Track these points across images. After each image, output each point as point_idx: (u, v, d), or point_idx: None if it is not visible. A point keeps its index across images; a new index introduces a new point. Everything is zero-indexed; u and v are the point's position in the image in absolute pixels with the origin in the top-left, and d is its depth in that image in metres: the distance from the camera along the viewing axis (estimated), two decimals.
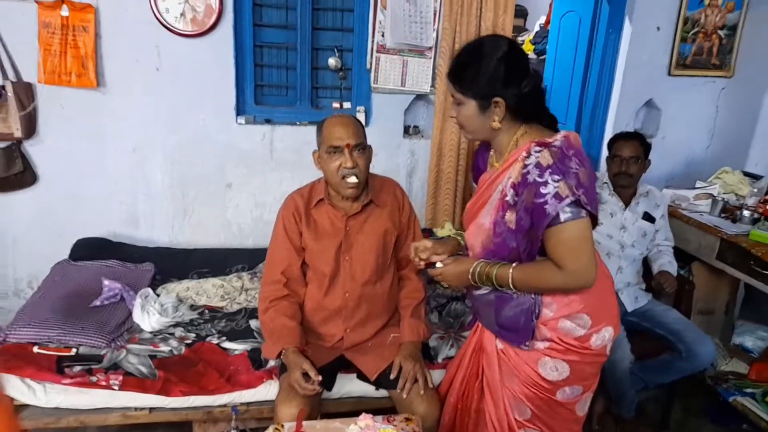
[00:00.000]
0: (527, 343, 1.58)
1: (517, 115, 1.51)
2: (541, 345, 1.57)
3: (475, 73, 1.48)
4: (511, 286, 1.53)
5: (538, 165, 1.42)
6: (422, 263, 1.75)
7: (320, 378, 1.78)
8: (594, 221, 1.46)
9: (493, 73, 1.46)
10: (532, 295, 1.55)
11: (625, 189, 2.56)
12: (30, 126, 2.74)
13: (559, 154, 1.42)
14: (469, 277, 1.60)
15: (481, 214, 1.59)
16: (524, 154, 1.46)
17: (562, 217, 1.40)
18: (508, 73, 1.46)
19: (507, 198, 1.50)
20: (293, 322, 1.92)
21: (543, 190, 1.40)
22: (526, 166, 1.45)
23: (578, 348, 1.55)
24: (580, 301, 1.53)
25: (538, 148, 1.44)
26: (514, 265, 1.52)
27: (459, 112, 1.55)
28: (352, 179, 1.87)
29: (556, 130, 1.56)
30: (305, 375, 1.77)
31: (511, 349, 1.63)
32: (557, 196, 1.39)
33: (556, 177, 1.39)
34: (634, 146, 2.51)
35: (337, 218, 1.98)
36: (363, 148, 1.90)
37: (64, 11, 2.63)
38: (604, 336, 1.57)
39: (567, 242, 1.43)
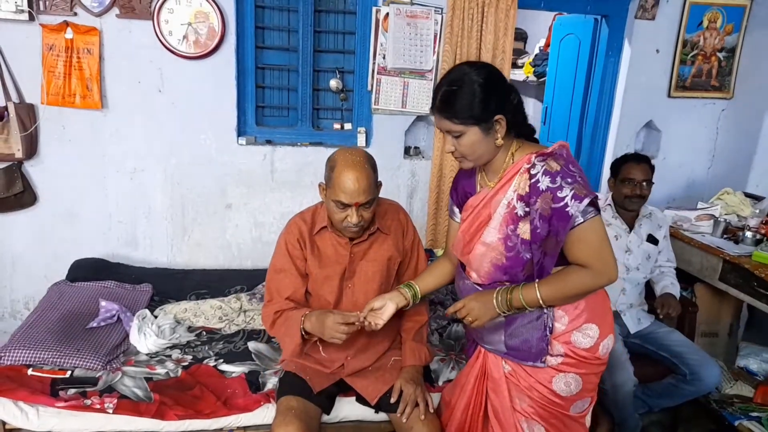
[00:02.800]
0: (543, 359, 1.59)
1: (511, 129, 1.55)
2: (554, 361, 1.59)
3: (470, 100, 1.48)
4: (541, 304, 1.54)
5: (546, 173, 1.47)
6: (376, 322, 1.77)
7: (361, 316, 1.73)
8: None
9: (486, 94, 1.48)
10: (544, 310, 1.57)
11: (630, 212, 2.55)
12: (31, 147, 2.75)
13: (562, 161, 1.48)
14: (494, 303, 1.56)
15: (484, 234, 1.59)
16: (526, 165, 1.50)
17: (583, 217, 1.44)
18: (498, 91, 1.51)
19: (516, 211, 1.52)
20: (303, 308, 1.88)
21: (560, 194, 1.44)
22: (533, 176, 1.48)
23: (590, 359, 1.59)
24: (588, 311, 1.57)
25: (540, 158, 1.49)
26: (536, 282, 1.53)
27: (460, 144, 1.53)
28: (355, 229, 1.84)
29: (537, 142, 1.63)
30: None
31: (521, 370, 1.63)
32: (576, 197, 1.43)
33: (569, 180, 1.45)
34: (645, 169, 2.51)
35: (341, 245, 1.93)
36: (371, 203, 1.81)
37: (69, 34, 2.66)
38: (608, 345, 1.63)
39: (592, 242, 1.48)
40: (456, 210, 1.78)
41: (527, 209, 1.50)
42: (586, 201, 1.43)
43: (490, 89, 1.49)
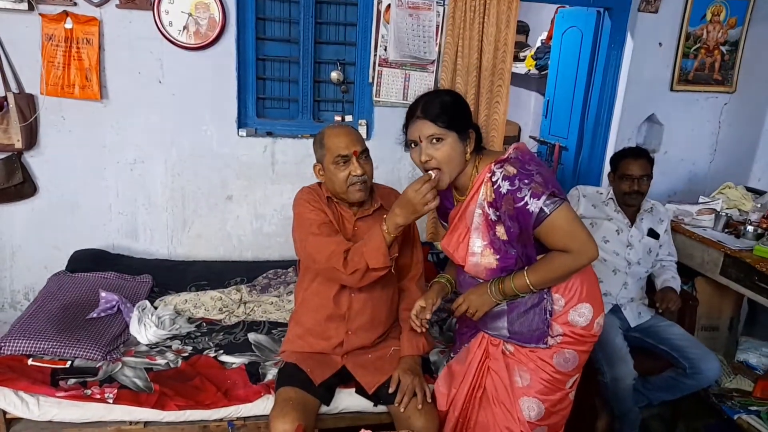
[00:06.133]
0: (545, 341, 1.70)
1: (475, 143, 1.70)
2: (554, 341, 1.71)
3: (455, 110, 1.65)
4: (531, 289, 1.66)
5: (505, 177, 1.59)
6: (426, 321, 1.79)
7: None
8: None
9: (466, 109, 1.70)
10: (544, 296, 1.69)
11: (631, 206, 2.55)
12: (31, 137, 2.74)
13: (518, 164, 1.61)
14: (488, 294, 1.70)
15: (470, 245, 1.70)
16: (488, 175, 1.64)
17: (547, 210, 1.55)
18: (468, 108, 1.72)
19: (490, 216, 1.64)
20: None
21: (519, 195, 1.57)
22: (494, 183, 1.61)
23: (587, 336, 1.72)
24: (581, 292, 1.70)
25: (498, 165, 1.63)
26: (525, 270, 1.66)
27: (438, 150, 1.63)
28: (361, 186, 1.88)
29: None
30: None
31: (522, 349, 1.74)
32: (534, 195, 1.55)
33: (526, 181, 1.57)
34: (643, 164, 2.50)
35: (346, 219, 1.98)
36: (368, 155, 1.93)
37: (68, 24, 2.64)
38: (601, 322, 1.75)
39: (561, 229, 1.58)
40: (444, 223, 1.92)
41: (498, 213, 1.63)
42: (544, 197, 1.54)
43: (463, 104, 1.71)
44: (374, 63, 3.00)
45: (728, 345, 3.00)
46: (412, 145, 1.70)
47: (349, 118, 3.14)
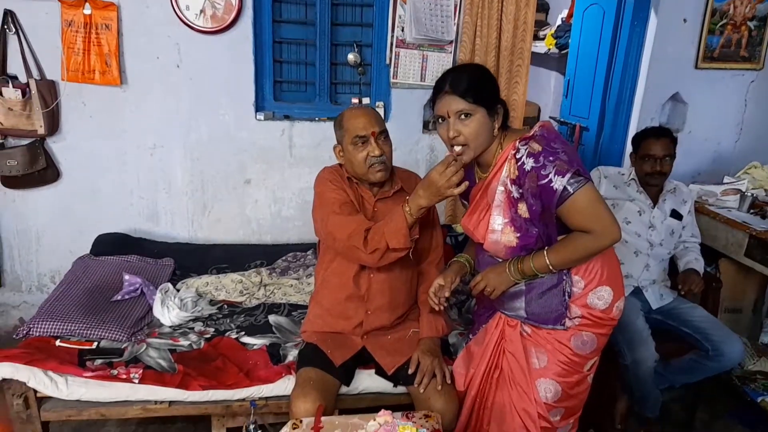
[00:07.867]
0: (562, 322, 1.70)
1: (502, 120, 1.67)
2: (571, 323, 1.70)
3: (483, 85, 1.62)
4: (551, 269, 1.64)
5: (530, 154, 1.57)
6: (444, 299, 1.79)
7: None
8: None
9: (494, 84, 1.68)
10: (563, 277, 1.67)
11: (654, 186, 2.51)
12: (53, 123, 2.77)
13: (543, 141, 1.58)
14: (507, 273, 1.69)
15: (491, 222, 1.68)
16: (512, 152, 1.62)
17: (571, 188, 1.53)
18: (495, 83, 1.70)
19: (513, 194, 1.62)
20: None
21: (544, 172, 1.55)
22: (518, 159, 1.59)
23: (605, 319, 1.71)
24: (602, 275, 1.68)
25: (523, 142, 1.61)
26: (545, 250, 1.64)
27: (467, 126, 1.60)
28: (380, 166, 1.88)
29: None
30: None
31: (540, 331, 1.74)
32: (559, 172, 1.53)
33: (551, 158, 1.55)
34: (666, 144, 2.45)
35: (366, 200, 1.98)
36: (386, 135, 1.92)
37: (87, 9, 2.66)
38: (620, 306, 1.74)
39: (585, 209, 1.56)
40: (464, 202, 1.90)
41: (521, 191, 1.60)
42: (569, 175, 1.52)
43: (492, 78, 1.68)
44: (391, 44, 2.97)
45: (752, 327, 2.96)
46: (440, 120, 1.66)
47: (366, 100, 3.12)
